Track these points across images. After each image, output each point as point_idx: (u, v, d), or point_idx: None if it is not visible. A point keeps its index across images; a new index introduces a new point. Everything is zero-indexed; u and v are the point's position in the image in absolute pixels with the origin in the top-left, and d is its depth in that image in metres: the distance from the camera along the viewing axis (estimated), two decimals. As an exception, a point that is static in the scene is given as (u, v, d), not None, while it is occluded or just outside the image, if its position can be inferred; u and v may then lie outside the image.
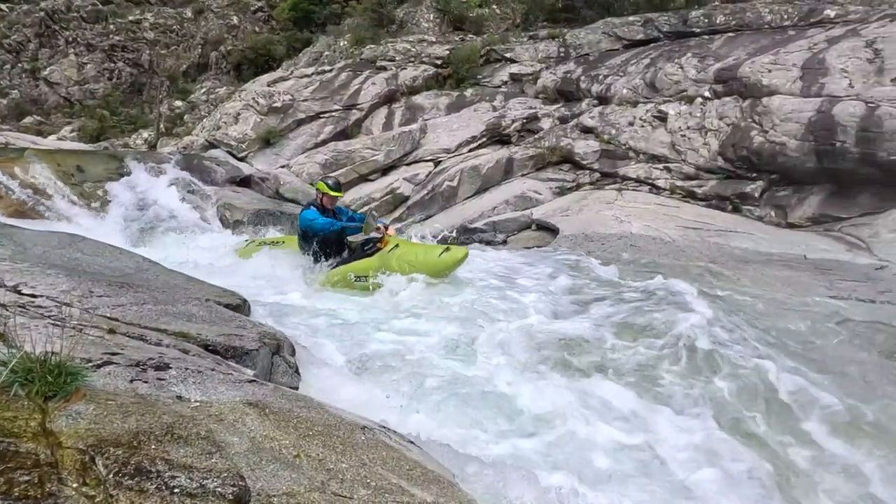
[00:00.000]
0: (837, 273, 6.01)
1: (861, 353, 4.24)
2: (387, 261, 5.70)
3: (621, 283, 5.78)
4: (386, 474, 2.02)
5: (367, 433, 2.33)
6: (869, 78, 8.80)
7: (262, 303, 5.34)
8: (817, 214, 8.28)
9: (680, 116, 10.46)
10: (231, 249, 7.35)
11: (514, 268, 6.65)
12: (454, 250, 5.58)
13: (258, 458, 1.85)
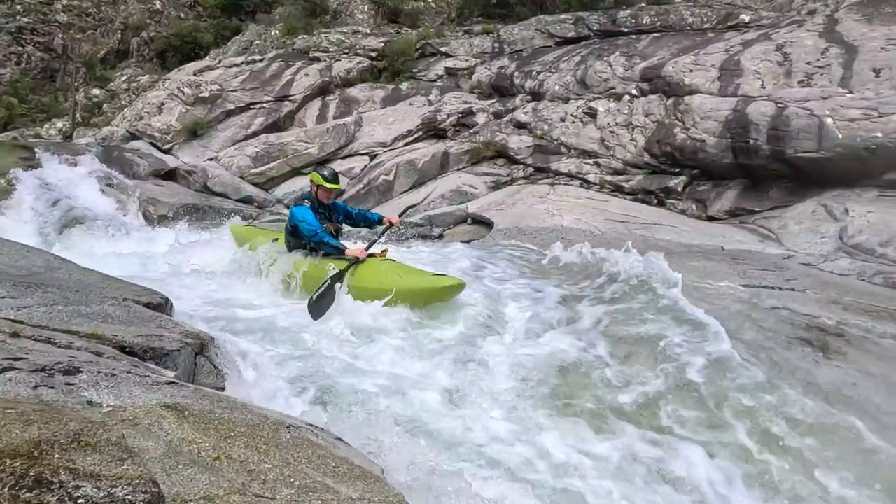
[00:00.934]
0: (750, 262, 6.39)
1: (768, 336, 4.53)
2: (376, 266, 5.08)
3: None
4: (311, 472, 1.99)
5: (293, 432, 2.29)
6: (779, 80, 9.39)
7: (194, 300, 5.14)
8: (734, 208, 8.77)
9: (609, 113, 10.81)
10: (226, 227, 7.16)
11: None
12: (448, 277, 4.90)
13: (175, 462, 1.78)
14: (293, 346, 4.31)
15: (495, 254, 7.21)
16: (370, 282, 4.94)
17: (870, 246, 6.64)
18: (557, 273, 6.27)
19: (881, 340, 4.53)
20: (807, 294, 5.53)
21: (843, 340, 4.52)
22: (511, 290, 5.61)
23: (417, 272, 5.06)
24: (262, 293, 5.50)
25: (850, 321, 4.88)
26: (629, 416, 3.48)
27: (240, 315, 4.88)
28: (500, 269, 6.48)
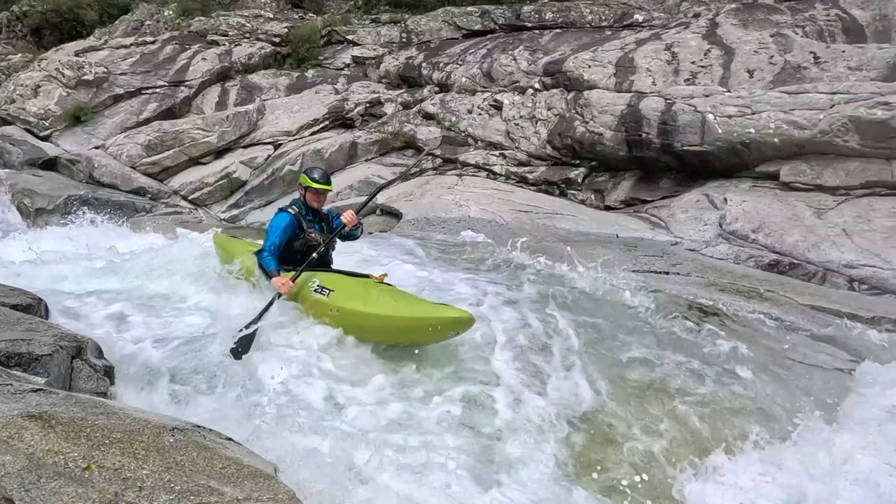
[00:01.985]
0: (641, 249, 6.82)
1: (655, 316, 4.87)
2: (367, 288, 4.12)
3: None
4: (194, 476, 1.91)
5: (177, 435, 2.18)
6: (668, 77, 10.01)
7: (90, 300, 4.72)
8: (628, 198, 9.28)
9: (514, 106, 11.08)
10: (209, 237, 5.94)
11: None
12: (454, 308, 3.87)
13: (36, 475, 1.65)
14: (193, 346, 4.10)
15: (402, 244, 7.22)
16: (354, 301, 3.97)
17: (744, 232, 7.27)
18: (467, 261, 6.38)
19: (750, 316, 4.99)
20: (690, 277, 5.98)
21: (718, 318, 4.93)
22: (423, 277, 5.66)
23: (417, 299, 4.12)
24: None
25: (726, 301, 5.33)
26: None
27: (142, 315, 4.57)
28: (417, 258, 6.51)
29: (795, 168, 7.71)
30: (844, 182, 7.31)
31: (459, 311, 3.75)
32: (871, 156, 7.19)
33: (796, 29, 10.26)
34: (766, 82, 9.04)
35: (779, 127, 7.79)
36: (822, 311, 5.10)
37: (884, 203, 6.90)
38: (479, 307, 4.64)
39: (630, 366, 3.93)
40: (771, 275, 6.50)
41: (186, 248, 5.68)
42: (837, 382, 3.75)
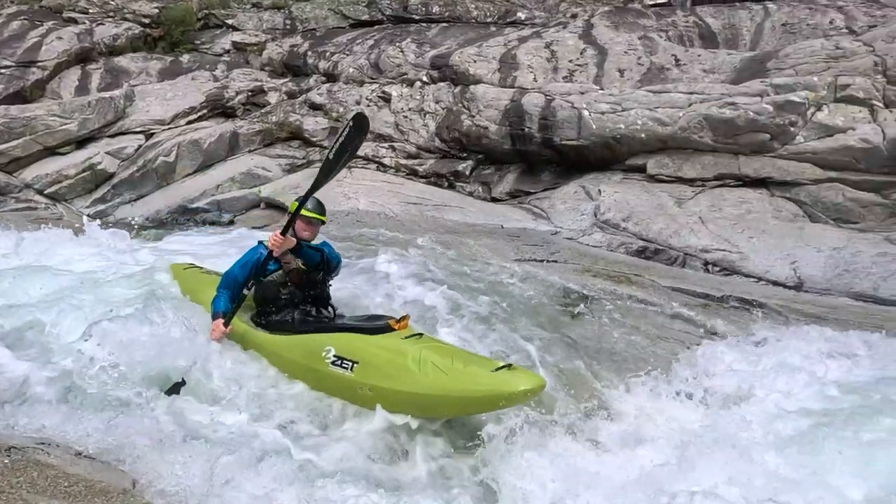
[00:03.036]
0: (524, 239, 7.12)
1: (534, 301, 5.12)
2: (401, 352, 3.21)
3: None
4: (33, 497, 1.74)
5: (14, 454, 1.97)
6: (548, 74, 10.47)
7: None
8: (513, 190, 9.62)
9: (402, 98, 11.08)
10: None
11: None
12: (521, 371, 3.12)
13: None
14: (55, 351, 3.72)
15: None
16: (391, 377, 3.14)
17: (615, 221, 7.80)
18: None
19: (618, 301, 5.37)
20: (567, 264, 6.33)
21: (590, 301, 5.26)
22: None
23: (465, 358, 3.28)
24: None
25: (598, 286, 5.70)
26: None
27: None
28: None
29: (660, 161, 8.37)
30: (700, 174, 8.04)
31: (529, 376, 3.04)
32: (721, 151, 7.97)
33: (660, 33, 11.12)
34: (635, 81, 9.73)
35: (645, 123, 8.41)
36: (681, 292, 5.59)
37: (732, 193, 7.68)
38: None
39: (514, 347, 4.17)
40: (639, 260, 7.03)
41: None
42: (686, 352, 4.15)
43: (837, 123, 7.29)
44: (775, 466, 2.83)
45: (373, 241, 6.73)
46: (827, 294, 6.11)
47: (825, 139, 7.28)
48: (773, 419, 3.39)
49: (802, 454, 2.91)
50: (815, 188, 7.22)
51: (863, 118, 7.24)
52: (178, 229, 8.44)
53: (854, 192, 6.97)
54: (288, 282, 3.75)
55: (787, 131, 7.50)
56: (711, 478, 2.69)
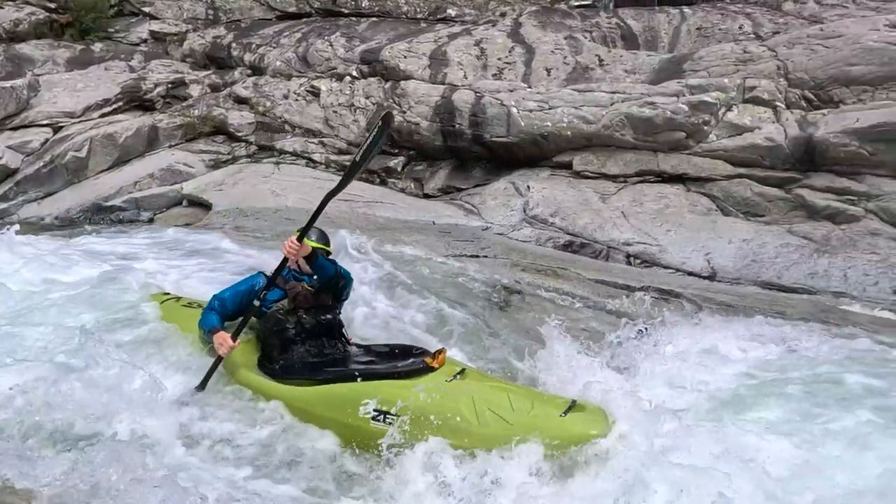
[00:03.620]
0: (455, 235, 7.18)
1: (465, 295, 5.18)
2: (452, 399, 2.84)
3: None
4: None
5: None
6: (478, 72, 10.58)
7: None
8: (445, 186, 9.67)
9: (332, 93, 10.89)
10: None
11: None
12: (590, 412, 2.87)
13: None
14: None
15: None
16: (446, 429, 2.76)
17: (544, 216, 8.00)
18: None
19: (545, 294, 5.52)
20: (497, 259, 6.44)
21: (519, 295, 5.39)
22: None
23: (522, 396, 2.99)
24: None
25: (527, 279, 5.84)
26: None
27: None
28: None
29: (585, 158, 8.64)
30: (623, 171, 8.36)
31: (599, 420, 2.76)
32: (642, 148, 8.32)
33: (585, 33, 11.46)
34: (561, 80, 9.99)
35: (571, 121, 8.66)
36: (605, 284, 5.81)
37: (652, 189, 8.04)
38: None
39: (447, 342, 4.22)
40: (566, 254, 7.25)
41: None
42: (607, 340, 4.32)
43: (745, 123, 7.77)
44: (693, 446, 2.93)
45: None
46: (737, 283, 6.52)
47: (735, 138, 7.75)
48: (691, 398, 3.59)
49: (716, 430, 3.07)
50: (726, 184, 7.66)
51: (767, 118, 7.75)
52: (96, 228, 7.93)
53: (760, 188, 7.46)
54: (295, 308, 3.26)
55: (701, 130, 7.93)
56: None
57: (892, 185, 6.76)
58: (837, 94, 7.68)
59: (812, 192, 7.12)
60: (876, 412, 3.22)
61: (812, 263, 6.47)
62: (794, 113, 7.73)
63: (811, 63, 8.06)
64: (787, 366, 4.02)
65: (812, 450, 2.89)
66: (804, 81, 7.99)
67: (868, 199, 6.77)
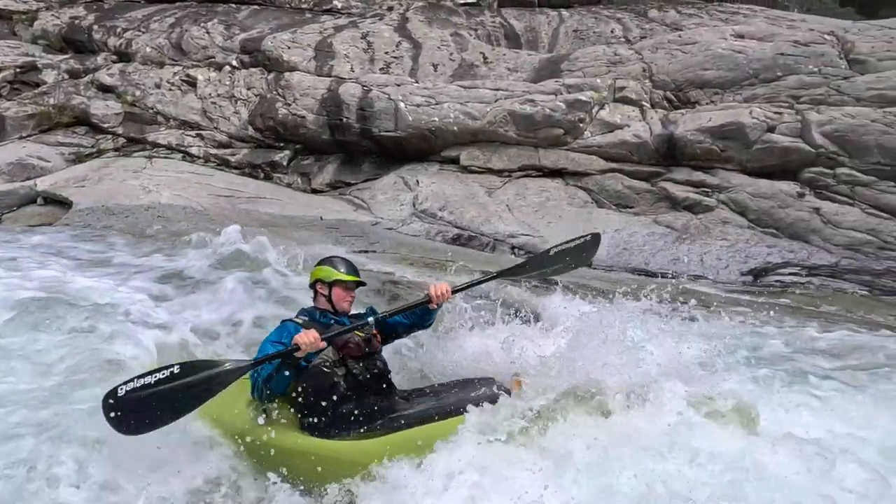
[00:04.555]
0: (343, 230, 7.08)
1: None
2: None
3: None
4: None
5: None
6: (365, 65, 10.48)
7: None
8: (334, 181, 9.50)
9: (210, 83, 10.32)
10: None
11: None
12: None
13: None
14: None
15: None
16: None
17: (433, 211, 8.10)
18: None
19: (434, 286, 5.60)
20: (386, 254, 6.43)
21: (407, 289, 5.41)
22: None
23: None
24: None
25: (415, 272, 5.88)
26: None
27: None
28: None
29: (471, 153, 8.85)
30: (507, 166, 8.66)
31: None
32: (524, 144, 8.66)
33: (470, 31, 11.72)
34: (448, 76, 10.15)
35: (457, 117, 8.82)
36: (489, 275, 5.97)
37: (534, 183, 8.40)
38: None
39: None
40: (454, 247, 7.39)
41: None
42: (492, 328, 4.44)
43: (616, 121, 8.33)
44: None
45: (177, 240, 6.18)
46: (610, 270, 6.99)
47: (607, 134, 8.28)
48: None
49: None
50: (600, 178, 8.18)
51: (635, 116, 8.36)
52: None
53: (630, 181, 8.03)
54: (343, 358, 2.77)
55: (577, 127, 8.39)
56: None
57: (739, 178, 7.55)
58: (694, 96, 8.45)
59: (674, 184, 7.78)
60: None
61: (674, 250, 7.09)
62: (657, 112, 8.39)
63: (671, 66, 8.80)
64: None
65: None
66: (666, 83, 8.71)
67: (720, 191, 7.52)
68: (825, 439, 2.37)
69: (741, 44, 8.53)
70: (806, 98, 7.59)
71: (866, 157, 6.91)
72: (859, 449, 2.33)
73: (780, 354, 4.21)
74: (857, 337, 4.52)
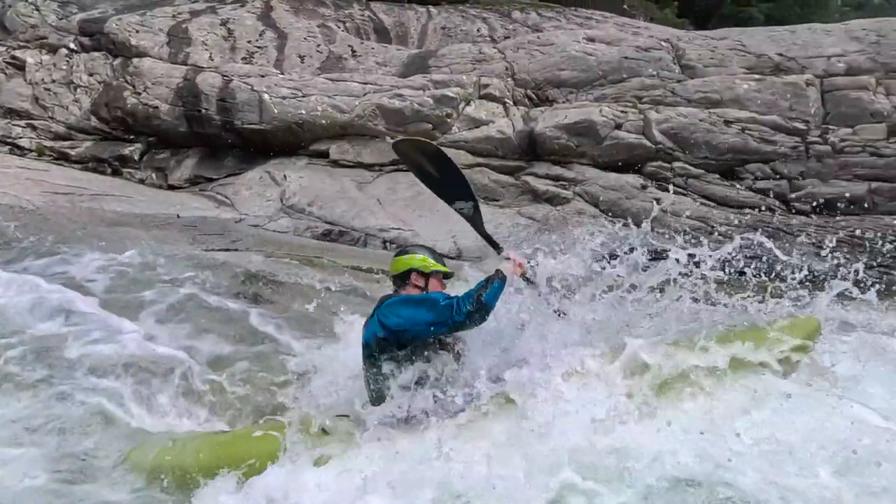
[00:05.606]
0: (202, 228, 6.66)
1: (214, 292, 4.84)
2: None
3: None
4: None
5: None
6: (225, 54, 9.93)
7: None
8: (193, 176, 8.91)
9: (42, 67, 9.23)
10: None
11: None
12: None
13: None
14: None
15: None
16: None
17: (301, 206, 7.88)
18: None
19: (303, 282, 5.45)
20: (250, 252, 6.14)
21: (274, 287, 5.22)
22: None
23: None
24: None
25: (282, 270, 5.69)
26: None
27: None
28: None
29: (341, 147, 8.71)
30: (378, 160, 8.63)
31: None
32: (395, 138, 8.67)
33: (338, 23, 11.51)
34: (315, 68, 9.90)
35: (325, 110, 8.64)
36: (359, 270, 5.94)
37: (405, 177, 8.41)
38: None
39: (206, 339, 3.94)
40: (324, 243, 7.25)
41: None
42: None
43: (482, 117, 8.61)
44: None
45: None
46: (479, 261, 7.22)
47: (473, 130, 8.53)
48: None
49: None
50: (468, 172, 8.33)
51: (499, 113, 8.70)
52: None
53: (496, 175, 8.35)
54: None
55: (445, 122, 8.56)
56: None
57: (592, 171, 8.12)
58: (552, 94, 8.96)
59: (535, 178, 8.20)
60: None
61: (537, 240, 7.44)
62: (519, 109, 8.79)
63: (532, 66, 9.26)
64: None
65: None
66: (527, 82, 9.15)
67: (576, 184, 8.04)
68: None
69: (592, 47, 9.17)
70: (647, 98, 8.33)
71: (696, 152, 7.73)
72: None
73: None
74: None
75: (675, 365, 2.49)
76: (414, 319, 2.58)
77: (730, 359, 2.52)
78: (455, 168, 3.19)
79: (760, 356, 2.57)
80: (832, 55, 8.16)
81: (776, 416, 2.32)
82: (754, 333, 2.67)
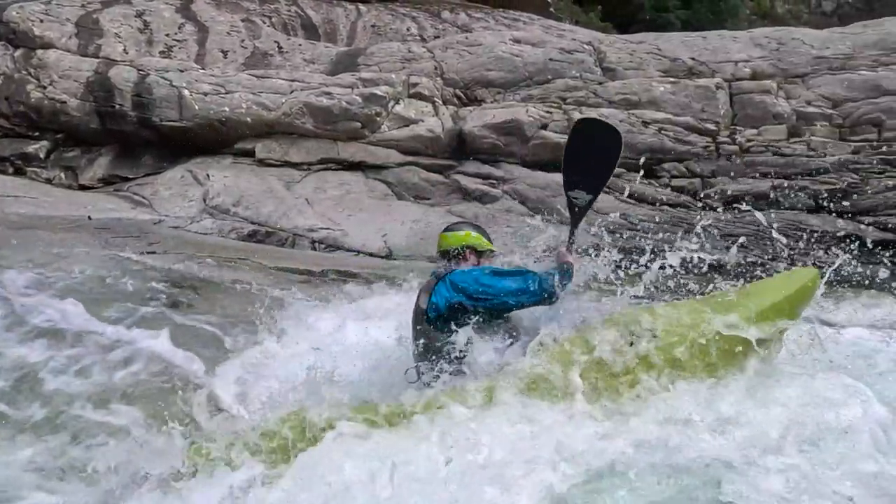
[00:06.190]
0: (116, 231, 6.31)
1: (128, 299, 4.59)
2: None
3: None
4: None
5: None
6: (141, 47, 9.46)
7: None
8: (107, 175, 8.45)
9: (-69, 57, 8.46)
10: None
11: None
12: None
13: None
14: None
15: None
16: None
17: (226, 206, 7.62)
18: None
19: (230, 285, 5.27)
20: (168, 255, 5.87)
21: (195, 291, 5.02)
22: None
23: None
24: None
25: (204, 273, 5.47)
26: None
27: None
28: None
29: (268, 146, 8.49)
30: (306, 159, 8.47)
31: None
32: (323, 136, 8.54)
33: (264, 18, 11.20)
34: (239, 64, 9.60)
35: (250, 107, 8.40)
36: (286, 271, 5.81)
37: (334, 176, 8.34)
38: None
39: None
40: (250, 244, 7.04)
41: None
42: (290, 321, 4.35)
43: (411, 115, 8.61)
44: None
45: None
46: (410, 259, 7.23)
47: (403, 129, 8.52)
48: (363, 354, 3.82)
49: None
50: (398, 170, 8.40)
51: (429, 112, 8.72)
52: None
53: (426, 174, 8.38)
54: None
55: (374, 121, 8.50)
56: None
57: (520, 170, 8.29)
58: (480, 94, 9.08)
59: (465, 177, 8.29)
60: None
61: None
62: (449, 108, 8.86)
63: (460, 66, 9.35)
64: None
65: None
66: (456, 81, 9.23)
67: (504, 183, 8.19)
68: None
69: (519, 48, 9.37)
70: (571, 99, 8.60)
71: (618, 152, 8.06)
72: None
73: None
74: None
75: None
76: (506, 288, 2.66)
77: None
78: (615, 163, 3.16)
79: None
80: (739, 60, 8.71)
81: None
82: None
